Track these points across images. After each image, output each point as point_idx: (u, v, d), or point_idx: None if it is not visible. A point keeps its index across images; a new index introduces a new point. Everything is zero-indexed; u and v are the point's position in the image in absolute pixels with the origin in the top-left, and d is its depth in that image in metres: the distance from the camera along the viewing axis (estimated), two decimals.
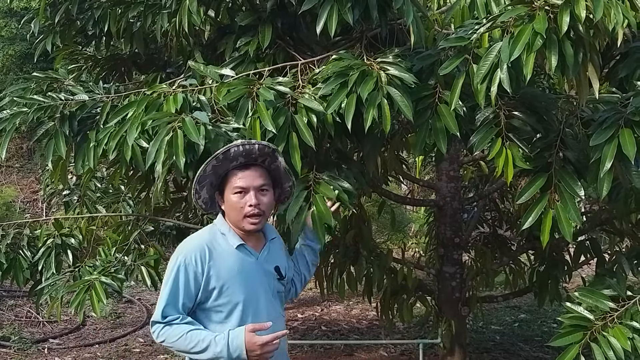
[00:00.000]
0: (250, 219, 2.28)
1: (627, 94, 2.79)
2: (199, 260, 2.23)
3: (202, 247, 2.25)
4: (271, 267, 2.39)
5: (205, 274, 2.23)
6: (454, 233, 4.95)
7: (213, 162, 2.25)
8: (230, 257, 2.28)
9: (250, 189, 2.27)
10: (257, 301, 2.30)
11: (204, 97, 2.88)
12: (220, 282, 2.24)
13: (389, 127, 2.62)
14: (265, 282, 2.35)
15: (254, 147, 2.27)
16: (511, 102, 2.88)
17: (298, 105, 2.75)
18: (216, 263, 2.25)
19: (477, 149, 2.80)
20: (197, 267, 2.22)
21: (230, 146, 2.25)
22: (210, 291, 2.25)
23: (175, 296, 2.22)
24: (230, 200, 2.28)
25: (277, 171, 2.36)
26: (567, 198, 2.74)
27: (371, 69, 2.73)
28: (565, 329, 2.89)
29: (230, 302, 2.26)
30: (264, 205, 2.30)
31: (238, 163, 2.27)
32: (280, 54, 3.22)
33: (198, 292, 2.24)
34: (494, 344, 6.46)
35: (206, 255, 2.24)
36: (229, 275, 2.26)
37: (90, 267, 4.20)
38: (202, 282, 2.23)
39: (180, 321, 2.22)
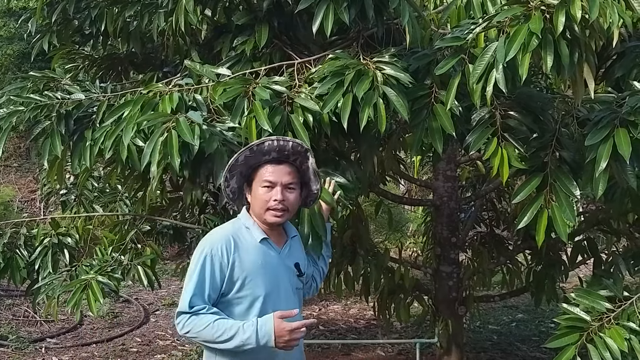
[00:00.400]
0: (274, 212, 2.31)
1: (623, 94, 2.79)
2: (225, 251, 2.26)
3: (228, 238, 2.29)
4: (292, 263, 2.43)
5: (230, 265, 2.26)
6: (451, 233, 4.96)
7: (246, 153, 2.29)
8: (254, 250, 2.32)
9: (278, 184, 2.31)
10: (278, 295, 2.34)
11: (199, 97, 2.88)
12: (244, 273, 2.28)
13: (385, 126, 2.62)
14: (286, 277, 2.39)
15: (288, 144, 2.32)
16: (507, 102, 2.88)
17: (294, 104, 2.75)
18: (241, 255, 2.28)
19: (473, 149, 2.80)
20: (222, 258, 2.25)
21: (265, 139, 2.31)
22: (234, 282, 2.27)
23: (202, 286, 2.24)
24: (257, 192, 2.33)
25: (307, 172, 2.40)
26: (562, 198, 2.74)
27: (367, 68, 2.73)
28: (562, 330, 2.89)
29: (252, 294, 2.29)
30: (289, 202, 2.34)
31: (270, 157, 2.32)
32: (277, 54, 3.22)
33: (223, 283, 2.26)
34: (491, 344, 6.46)
35: (232, 246, 2.27)
36: (252, 268, 2.29)
37: (87, 267, 4.20)
38: (227, 273, 2.26)
39: (207, 311, 2.23)
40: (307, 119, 2.70)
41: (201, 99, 2.86)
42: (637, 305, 2.94)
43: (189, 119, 2.56)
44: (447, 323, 4.87)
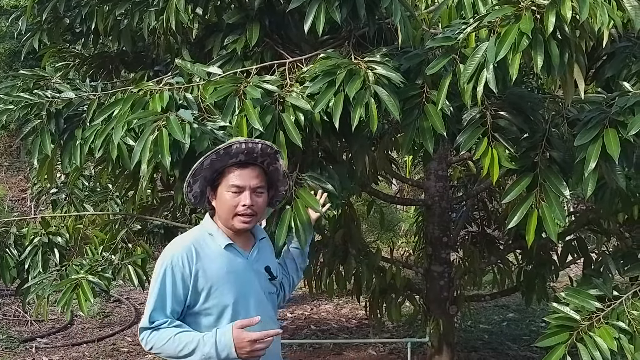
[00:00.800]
0: (242, 218, 2.22)
1: (612, 94, 2.81)
2: (186, 262, 2.16)
3: (189, 247, 2.19)
4: (261, 267, 2.33)
5: (193, 276, 2.16)
6: (442, 232, 4.97)
7: (212, 157, 2.19)
8: (219, 257, 2.22)
9: (246, 188, 2.21)
10: (247, 303, 2.24)
11: (190, 95, 2.87)
12: (209, 283, 2.18)
13: (376, 126, 2.62)
14: (256, 282, 2.29)
15: (257, 147, 2.22)
16: (498, 102, 2.89)
17: (285, 103, 2.74)
18: (204, 264, 2.18)
19: (464, 149, 2.81)
20: (184, 269, 2.15)
21: (232, 142, 2.20)
22: (199, 293, 2.18)
23: (163, 300, 2.15)
24: (223, 197, 2.22)
25: (275, 173, 2.31)
26: (552, 198, 2.75)
27: (359, 68, 2.73)
28: (552, 329, 2.90)
29: (220, 304, 2.20)
30: (257, 207, 2.24)
31: (237, 160, 2.22)
32: (268, 53, 3.21)
33: (187, 294, 2.17)
34: (482, 343, 6.48)
35: (193, 255, 2.17)
36: (217, 277, 2.19)
37: (77, 266, 4.19)
38: (190, 284, 2.16)
39: (168, 325, 2.15)
40: (298, 118, 2.69)
41: (192, 97, 2.85)
42: (627, 304, 2.96)
43: (180, 117, 2.55)
44: (439, 322, 4.88)
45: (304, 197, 2.72)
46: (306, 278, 4.81)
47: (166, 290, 2.15)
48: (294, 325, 7.19)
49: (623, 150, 2.55)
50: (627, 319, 2.90)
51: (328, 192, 2.82)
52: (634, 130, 2.44)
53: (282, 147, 2.62)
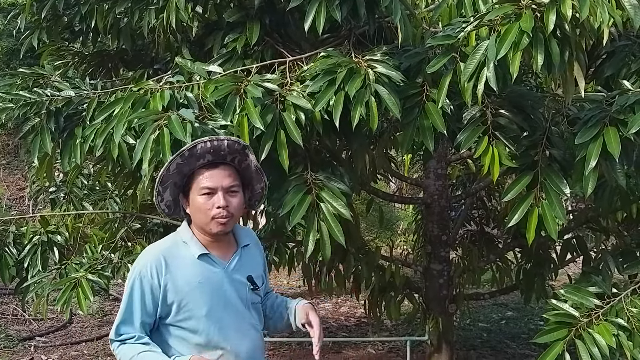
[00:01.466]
0: (219, 220, 2.08)
1: (612, 93, 2.82)
2: (155, 273, 2.05)
3: (158, 258, 2.07)
4: (243, 276, 2.18)
5: (163, 287, 2.05)
6: (442, 231, 4.97)
7: (178, 160, 2.05)
8: (191, 267, 2.09)
9: (218, 189, 2.07)
10: (224, 314, 2.12)
11: (191, 94, 2.87)
12: (179, 295, 2.07)
13: (377, 125, 2.63)
14: (234, 293, 2.15)
15: (223, 144, 2.07)
16: (498, 101, 2.89)
17: (286, 102, 2.75)
18: (173, 275, 2.07)
19: (464, 147, 2.81)
20: (152, 280, 2.05)
21: (196, 142, 2.06)
22: (169, 306, 2.08)
23: (131, 312, 2.07)
24: (196, 202, 2.08)
25: (248, 170, 2.16)
26: (552, 196, 2.76)
27: (359, 66, 2.73)
28: (551, 325, 2.91)
29: (192, 316, 2.09)
30: (233, 208, 2.10)
31: (205, 161, 2.08)
32: (269, 51, 3.21)
33: (157, 306, 2.07)
34: (480, 341, 6.48)
35: (162, 267, 2.06)
36: (188, 288, 2.08)
37: (76, 265, 4.18)
38: (159, 296, 2.06)
39: (135, 341, 2.06)
40: (299, 117, 2.70)
41: (192, 96, 2.85)
42: (626, 302, 2.97)
43: (181, 116, 2.55)
44: (438, 321, 4.87)
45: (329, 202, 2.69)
46: (305, 276, 4.82)
47: (134, 302, 2.07)
48: None
49: (623, 148, 2.56)
50: (626, 316, 2.91)
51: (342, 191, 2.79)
52: (635, 128, 2.45)
53: (282, 145, 2.62)
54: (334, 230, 2.65)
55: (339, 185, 2.85)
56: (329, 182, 2.77)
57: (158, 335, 2.12)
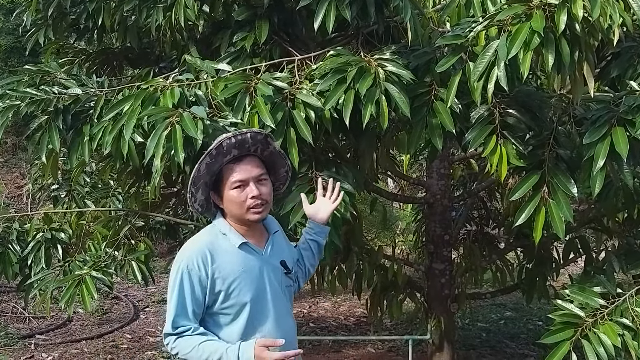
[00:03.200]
0: (254, 209, 2.19)
1: (620, 93, 2.84)
2: (202, 265, 2.15)
3: (203, 250, 2.17)
4: (277, 261, 2.31)
5: (210, 278, 2.15)
6: (444, 230, 4.98)
7: (207, 160, 2.14)
8: (234, 257, 2.20)
9: (249, 180, 2.17)
10: (265, 299, 2.23)
11: (200, 92, 2.87)
12: (226, 284, 2.17)
13: (387, 123, 2.64)
14: (273, 278, 2.27)
15: (247, 137, 2.15)
16: (505, 100, 2.91)
17: (296, 100, 2.76)
18: (220, 265, 2.17)
19: (472, 147, 2.83)
20: (200, 272, 2.14)
21: (221, 139, 2.14)
22: (217, 294, 2.17)
23: (184, 305, 2.15)
24: (230, 196, 2.18)
25: (271, 157, 2.26)
26: (560, 195, 2.77)
27: (369, 65, 2.74)
28: (557, 325, 2.92)
29: (238, 303, 2.19)
30: (266, 195, 2.21)
31: (232, 156, 2.16)
32: (277, 50, 3.22)
33: (205, 297, 2.17)
34: (480, 341, 6.49)
35: (208, 258, 2.16)
36: (234, 276, 2.18)
37: (80, 262, 4.18)
38: (207, 287, 2.16)
39: (192, 332, 2.15)
40: (309, 115, 2.70)
41: (202, 94, 2.86)
42: (630, 302, 2.99)
43: (192, 113, 2.56)
44: (439, 320, 4.89)
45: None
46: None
47: (185, 295, 2.15)
48: None
49: (630, 149, 2.58)
50: (631, 316, 2.92)
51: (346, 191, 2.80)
52: None
53: (292, 143, 2.63)
54: (332, 231, 2.65)
55: (343, 185, 2.86)
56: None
57: (202, 324, 2.20)
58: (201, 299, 2.16)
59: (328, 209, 2.52)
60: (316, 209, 2.52)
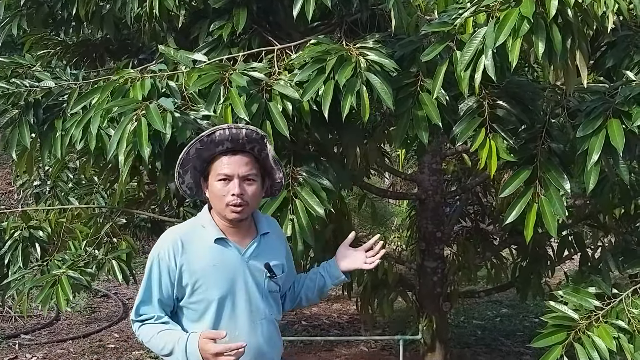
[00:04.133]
0: (232, 207, 2.12)
1: (615, 84, 2.69)
2: (172, 254, 2.11)
3: (176, 240, 2.13)
4: (261, 263, 2.20)
5: (178, 269, 2.11)
6: (436, 227, 4.86)
7: (197, 145, 2.11)
8: (207, 251, 2.14)
9: (234, 176, 2.11)
10: (236, 299, 2.15)
11: (174, 84, 2.73)
12: (193, 278, 2.12)
13: (368, 115, 2.49)
14: (251, 280, 2.17)
15: (241, 132, 2.11)
16: (495, 92, 2.76)
17: (273, 92, 2.61)
18: (189, 257, 2.12)
19: (460, 140, 2.68)
20: (169, 262, 2.11)
21: (216, 129, 2.12)
22: (184, 288, 2.13)
23: (150, 293, 2.14)
24: (213, 188, 2.14)
25: (267, 160, 2.19)
26: (552, 191, 2.63)
27: (350, 54, 2.59)
28: (548, 328, 2.79)
29: (204, 300, 2.13)
30: (248, 196, 2.13)
31: (224, 148, 2.12)
32: (256, 39, 3.07)
33: (173, 288, 2.13)
34: (475, 339, 6.41)
35: (179, 249, 2.12)
36: (203, 271, 2.12)
37: (59, 261, 4.09)
38: (175, 278, 2.12)
39: (154, 320, 2.13)
40: (286, 107, 2.56)
41: (175, 86, 2.71)
42: (626, 302, 2.86)
43: (160, 106, 2.41)
44: (431, 319, 4.77)
45: (304, 198, 2.59)
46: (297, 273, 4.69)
47: (153, 283, 2.13)
48: (285, 320, 7.08)
49: (626, 142, 2.44)
50: (627, 318, 2.80)
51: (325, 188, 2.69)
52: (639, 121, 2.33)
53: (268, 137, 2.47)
54: (304, 229, 2.52)
55: (322, 181, 2.72)
56: (311, 178, 2.65)
57: (175, 318, 2.18)
58: (169, 289, 2.14)
59: (357, 264, 2.34)
60: (348, 255, 2.36)
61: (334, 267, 2.36)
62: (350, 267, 2.35)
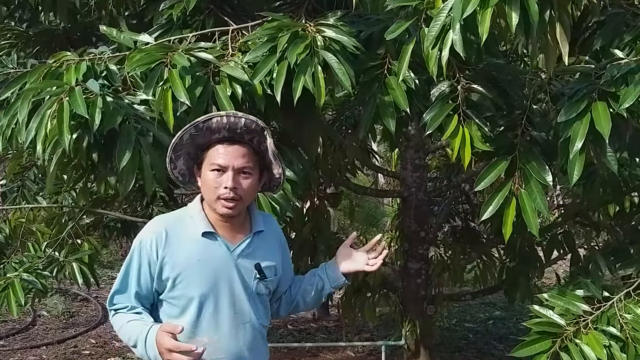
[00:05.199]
0: (224, 202, 1.96)
1: (602, 63, 2.41)
2: (154, 246, 1.96)
3: (160, 231, 1.97)
4: (251, 263, 2.04)
5: (160, 262, 1.96)
6: (420, 226, 4.60)
7: (191, 131, 1.96)
8: (192, 244, 1.98)
9: (229, 168, 1.95)
10: (218, 300, 1.99)
11: (114, 67, 2.47)
12: (175, 271, 1.97)
13: (324, 99, 2.22)
14: (237, 279, 2.01)
15: (240, 121, 1.95)
16: (470, 74, 2.49)
17: (221, 74, 2.34)
18: (173, 250, 1.97)
19: (430, 128, 2.41)
20: (151, 253, 1.96)
21: (212, 115, 1.98)
22: (164, 282, 1.98)
23: (126, 283, 1.99)
24: (206, 177, 1.98)
25: (267, 153, 2.03)
26: (532, 184, 2.36)
27: (306, 31, 2.33)
28: (532, 336, 2.53)
29: (185, 295, 1.98)
30: (242, 190, 1.97)
31: (221, 136, 1.97)
32: (211, 20, 2.81)
33: (152, 280, 1.98)
34: (466, 343, 6.20)
35: (163, 240, 1.96)
36: (186, 265, 1.97)
37: (16, 264, 3.90)
38: (156, 270, 1.97)
39: (127, 310, 1.99)
40: (235, 91, 2.29)
41: (115, 69, 2.45)
42: (618, 307, 2.60)
43: (88, 89, 2.15)
44: (415, 323, 4.51)
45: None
46: None
47: (130, 273, 1.99)
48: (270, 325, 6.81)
49: (614, 128, 2.17)
50: (619, 324, 2.54)
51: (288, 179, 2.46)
52: (628, 102, 2.06)
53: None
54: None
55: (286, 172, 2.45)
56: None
57: (155, 312, 2.04)
58: (148, 282, 1.99)
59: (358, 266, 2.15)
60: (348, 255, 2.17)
61: (334, 269, 2.18)
62: (351, 268, 2.17)
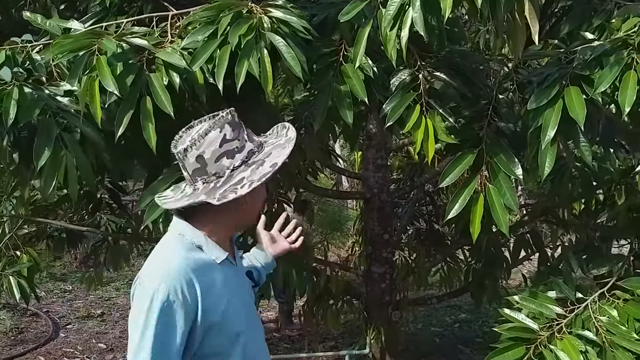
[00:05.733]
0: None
1: (573, 45, 2.25)
2: (188, 293, 1.61)
3: (187, 272, 1.63)
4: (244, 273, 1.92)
5: (201, 309, 1.64)
6: (383, 229, 4.40)
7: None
8: (218, 277, 1.70)
9: None
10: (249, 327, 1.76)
11: (38, 57, 2.21)
12: (218, 313, 1.67)
13: (271, 86, 2.00)
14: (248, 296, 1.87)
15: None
16: (433, 62, 2.31)
17: (157, 61, 2.10)
18: (208, 290, 1.66)
19: (391, 119, 2.22)
20: (186, 303, 1.61)
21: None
22: (208, 328, 1.66)
23: (164, 346, 1.60)
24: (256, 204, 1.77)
25: None
26: (501, 179, 2.18)
27: (251, 13, 2.11)
28: (505, 342, 2.35)
29: (231, 335, 1.70)
30: None
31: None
32: (149, 6, 2.57)
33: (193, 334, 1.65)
34: (433, 347, 6.05)
35: (195, 283, 1.63)
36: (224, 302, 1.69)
37: None
38: (198, 320, 1.64)
39: None
40: (172, 80, 2.05)
41: (39, 58, 2.19)
42: (593, 308, 2.44)
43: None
44: (380, 330, 4.32)
45: None
46: None
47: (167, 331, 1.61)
48: None
49: (587, 116, 2.01)
50: (594, 327, 2.39)
51: None
52: (604, 85, 1.90)
53: (148, 117, 1.97)
54: None
55: None
56: None
57: None
58: (186, 336, 1.63)
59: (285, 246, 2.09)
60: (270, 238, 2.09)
61: (264, 255, 2.09)
62: (278, 250, 2.11)
